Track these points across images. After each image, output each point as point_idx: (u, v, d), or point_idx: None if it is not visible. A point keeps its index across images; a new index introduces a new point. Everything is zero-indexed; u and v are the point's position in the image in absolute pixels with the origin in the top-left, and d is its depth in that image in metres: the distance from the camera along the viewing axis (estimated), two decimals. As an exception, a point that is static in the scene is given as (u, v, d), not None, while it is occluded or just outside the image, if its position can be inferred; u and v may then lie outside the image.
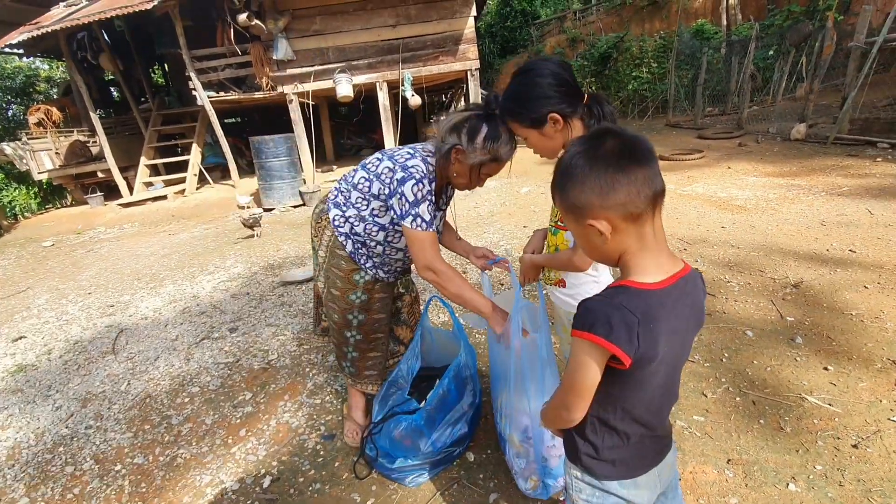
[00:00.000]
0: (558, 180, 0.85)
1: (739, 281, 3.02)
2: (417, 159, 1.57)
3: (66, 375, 2.91)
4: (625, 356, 0.77)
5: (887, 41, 5.94)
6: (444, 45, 8.57)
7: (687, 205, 4.75)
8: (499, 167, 1.59)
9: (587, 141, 0.83)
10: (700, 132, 8.75)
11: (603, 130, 0.83)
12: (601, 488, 0.94)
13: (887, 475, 1.57)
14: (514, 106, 1.33)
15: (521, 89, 1.30)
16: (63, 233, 7.76)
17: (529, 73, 1.28)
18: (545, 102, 1.26)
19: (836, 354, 2.21)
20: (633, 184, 0.77)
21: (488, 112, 1.52)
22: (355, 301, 1.81)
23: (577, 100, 1.28)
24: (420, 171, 1.54)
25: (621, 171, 0.77)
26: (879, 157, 5.48)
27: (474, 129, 1.51)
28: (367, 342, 1.92)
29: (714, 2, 14.56)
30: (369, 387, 2.01)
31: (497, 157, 1.53)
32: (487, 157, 1.52)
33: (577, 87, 1.29)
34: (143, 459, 2.07)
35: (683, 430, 1.86)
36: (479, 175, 1.60)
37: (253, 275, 4.31)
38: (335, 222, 1.73)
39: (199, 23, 8.72)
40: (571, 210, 0.83)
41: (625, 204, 0.77)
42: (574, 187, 0.81)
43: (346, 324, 1.87)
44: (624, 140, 0.79)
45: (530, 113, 1.29)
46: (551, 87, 1.25)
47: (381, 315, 1.89)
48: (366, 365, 1.97)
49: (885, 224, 3.63)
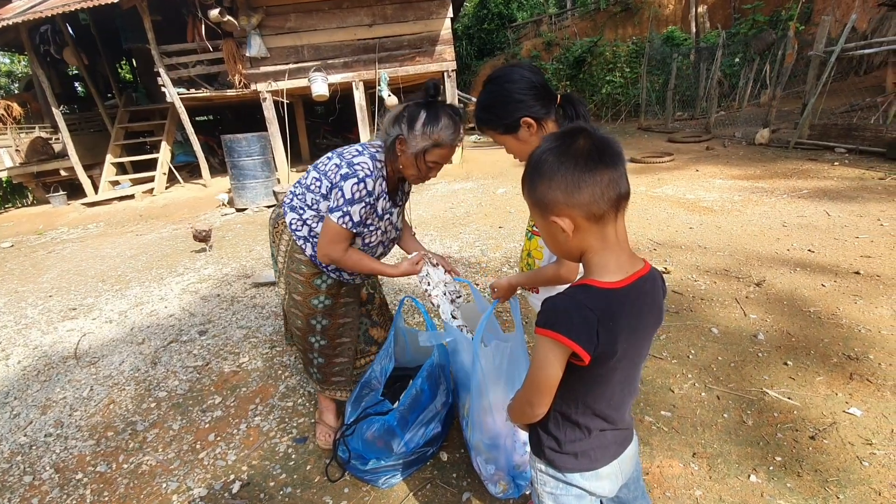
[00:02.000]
0: (528, 175, 0.86)
1: (706, 280, 3.12)
2: (365, 156, 1.55)
3: (24, 382, 2.79)
4: (584, 353, 0.79)
5: (844, 50, 6.22)
6: (421, 45, 8.57)
7: (657, 206, 4.87)
8: (444, 153, 1.54)
9: (559, 138, 0.84)
10: (670, 136, 9.00)
11: (575, 129, 0.84)
12: (564, 480, 0.96)
13: (843, 465, 1.64)
14: (487, 115, 1.33)
15: (492, 97, 1.30)
16: (23, 233, 7.43)
17: (498, 80, 1.29)
18: (516, 107, 1.26)
19: (796, 350, 2.30)
20: (599, 185, 0.78)
21: (427, 99, 1.50)
22: (318, 306, 1.77)
23: (550, 102, 1.28)
24: (365, 169, 1.52)
25: (588, 171, 0.78)
26: (837, 162, 5.73)
27: (413, 117, 1.50)
28: (333, 347, 1.89)
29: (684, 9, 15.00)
30: (338, 393, 1.98)
31: (439, 142, 1.50)
32: (429, 142, 1.50)
33: (549, 88, 1.29)
34: (106, 467, 2.00)
35: (651, 425, 1.91)
36: (425, 163, 1.55)
37: (224, 276, 4.21)
38: (292, 226, 1.69)
39: (168, 17, 8.50)
40: (537, 205, 0.85)
41: (588, 204, 0.79)
42: (542, 183, 0.82)
43: (309, 329, 1.83)
44: (594, 140, 0.81)
45: (503, 120, 1.29)
46: (521, 92, 1.25)
47: (346, 319, 1.86)
48: (333, 371, 1.93)
49: (841, 225, 3.80)
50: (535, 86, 1.26)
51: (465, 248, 4.23)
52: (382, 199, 1.63)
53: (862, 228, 3.68)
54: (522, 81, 1.26)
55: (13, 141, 9.26)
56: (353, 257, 1.60)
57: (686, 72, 11.47)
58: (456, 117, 1.52)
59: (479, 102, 1.35)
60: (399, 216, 1.80)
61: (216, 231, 5.89)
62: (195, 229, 5.02)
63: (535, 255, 1.40)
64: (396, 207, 1.75)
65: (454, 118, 1.51)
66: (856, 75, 9.72)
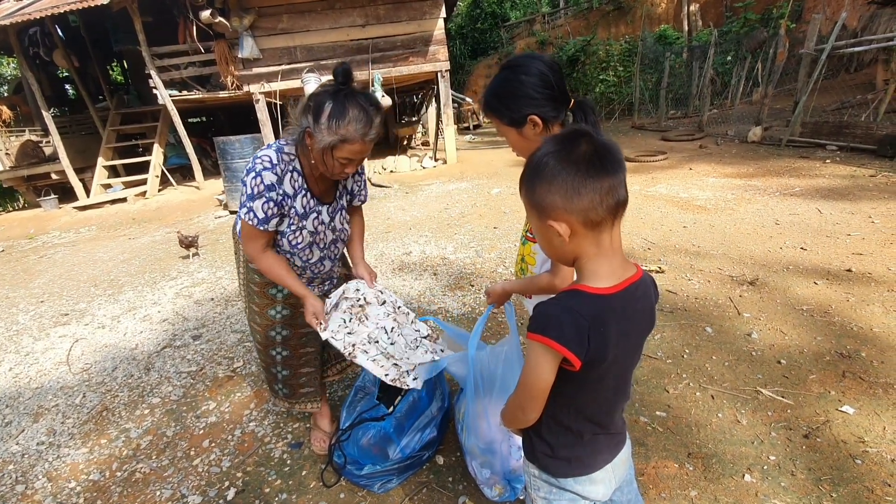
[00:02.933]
0: (527, 176, 0.85)
1: (700, 279, 3.13)
2: (271, 149, 1.44)
3: (16, 389, 2.76)
4: (575, 358, 0.79)
5: (835, 48, 6.27)
6: (414, 46, 8.55)
7: (651, 205, 4.88)
8: (354, 149, 1.37)
9: (560, 141, 0.82)
10: (664, 134, 9.03)
11: (578, 133, 0.82)
12: (558, 485, 0.96)
13: (836, 464, 1.65)
14: (495, 102, 1.25)
15: (504, 86, 1.22)
16: (14, 237, 7.36)
17: (515, 69, 1.21)
18: (527, 103, 1.19)
19: (789, 348, 2.32)
20: (598, 192, 0.78)
21: (336, 87, 1.35)
22: (276, 316, 1.70)
23: (562, 105, 1.21)
24: (265, 162, 1.41)
25: (589, 178, 0.78)
26: (828, 159, 5.77)
27: (319, 107, 1.33)
28: (297, 357, 1.82)
29: (676, 8, 15.06)
30: (308, 405, 1.93)
31: (346, 138, 1.33)
32: (335, 137, 1.33)
33: (565, 90, 1.22)
34: (100, 475, 1.98)
35: (646, 425, 1.91)
36: (333, 159, 1.38)
37: (218, 280, 4.19)
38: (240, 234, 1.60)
39: (159, 19, 8.43)
40: (535, 207, 0.84)
41: (587, 210, 0.78)
42: (541, 186, 0.81)
43: (269, 343, 1.75)
44: (597, 147, 0.80)
45: (510, 111, 1.22)
46: (536, 88, 1.18)
47: (309, 329, 1.71)
48: (300, 382, 1.87)
49: (833, 223, 3.83)
50: (551, 85, 1.19)
51: (459, 249, 4.23)
52: (301, 196, 1.50)
53: (853, 226, 3.71)
54: (539, 77, 1.18)
55: (3, 144, 9.17)
56: (268, 261, 1.50)
57: (679, 70, 11.53)
58: (370, 108, 1.35)
59: (490, 86, 1.26)
60: (337, 217, 1.65)
61: (209, 234, 5.86)
62: (181, 234, 4.85)
63: (528, 260, 1.40)
64: (325, 206, 1.59)
65: (366, 110, 1.34)
66: (846, 73, 9.80)
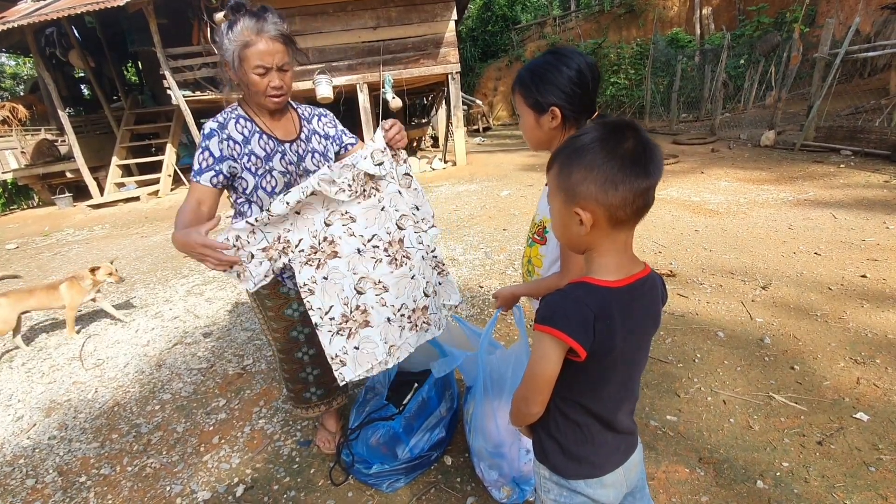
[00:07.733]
0: (564, 157, 0.82)
1: (711, 283, 3.10)
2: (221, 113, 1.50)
3: (28, 384, 2.80)
4: (580, 348, 0.79)
5: (849, 53, 6.19)
6: (425, 48, 8.57)
7: (662, 209, 4.84)
8: (260, 52, 1.37)
9: (610, 131, 0.80)
10: (675, 138, 8.97)
11: (625, 125, 0.80)
12: (568, 487, 0.95)
13: (850, 471, 1.62)
14: (528, 78, 1.24)
15: (544, 67, 1.22)
16: (29, 235, 7.47)
17: (561, 58, 1.21)
18: (556, 92, 1.19)
19: (803, 354, 2.28)
20: (633, 192, 0.77)
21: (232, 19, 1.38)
22: (294, 315, 1.66)
23: (584, 111, 1.22)
24: (211, 122, 1.45)
25: (629, 176, 0.77)
26: (843, 164, 5.69)
27: (220, 33, 1.39)
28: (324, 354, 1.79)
29: (688, 11, 14.97)
30: (340, 398, 1.92)
31: (246, 42, 1.36)
32: (236, 46, 1.37)
33: (594, 99, 1.23)
34: (110, 470, 2.01)
35: (657, 429, 1.89)
36: (248, 75, 1.40)
37: (228, 278, 4.22)
38: None
39: (174, 21, 8.54)
40: (565, 190, 0.82)
41: (617, 207, 0.78)
42: (579, 171, 0.79)
43: (293, 345, 1.70)
44: (645, 146, 0.78)
45: (538, 94, 1.21)
46: (567, 82, 1.18)
47: None
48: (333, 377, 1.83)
49: (847, 228, 3.78)
50: (586, 86, 1.19)
51: (469, 251, 4.22)
52: (257, 139, 1.50)
53: (868, 231, 3.65)
54: (577, 73, 1.18)
55: (19, 143, 9.33)
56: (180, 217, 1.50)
57: (691, 73, 11.44)
58: (261, 13, 1.37)
59: (529, 64, 1.26)
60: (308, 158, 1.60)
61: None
62: None
63: (535, 262, 1.39)
64: (287, 144, 1.56)
65: (256, 13, 1.37)
66: (860, 78, 9.66)
